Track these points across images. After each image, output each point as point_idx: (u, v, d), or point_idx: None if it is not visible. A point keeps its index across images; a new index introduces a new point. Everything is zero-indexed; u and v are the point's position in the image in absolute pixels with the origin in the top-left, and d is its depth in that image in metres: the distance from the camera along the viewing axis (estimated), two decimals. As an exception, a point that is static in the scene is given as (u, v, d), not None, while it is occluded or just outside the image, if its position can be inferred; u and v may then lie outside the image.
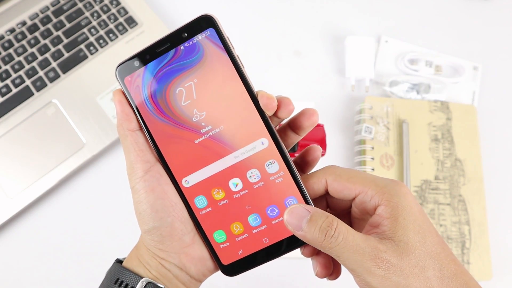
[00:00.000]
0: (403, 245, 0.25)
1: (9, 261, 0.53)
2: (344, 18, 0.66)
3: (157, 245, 0.28)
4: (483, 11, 0.68)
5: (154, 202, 0.27)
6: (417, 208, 0.26)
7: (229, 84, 0.27)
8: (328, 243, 0.25)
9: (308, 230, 0.25)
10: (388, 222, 0.25)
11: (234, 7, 0.66)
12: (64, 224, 0.54)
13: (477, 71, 0.64)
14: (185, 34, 0.27)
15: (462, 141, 0.59)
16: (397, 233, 0.25)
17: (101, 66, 0.59)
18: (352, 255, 0.24)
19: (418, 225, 0.25)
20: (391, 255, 0.24)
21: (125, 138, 0.28)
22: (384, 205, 0.26)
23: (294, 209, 0.26)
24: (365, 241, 0.25)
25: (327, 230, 0.25)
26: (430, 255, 0.25)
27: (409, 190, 0.27)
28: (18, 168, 0.54)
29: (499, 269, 0.54)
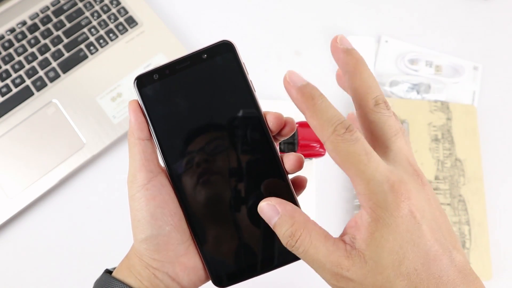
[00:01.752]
0: (371, 264, 0.23)
1: (9, 261, 0.53)
2: (344, 18, 0.66)
3: (152, 255, 0.28)
4: (483, 11, 0.69)
5: (155, 211, 0.28)
6: (405, 227, 0.23)
7: (242, 106, 0.29)
8: (291, 250, 0.25)
9: (276, 230, 0.25)
10: (365, 233, 0.23)
11: (234, 7, 0.66)
12: (64, 224, 0.54)
13: (477, 71, 0.64)
14: (205, 56, 0.29)
15: (462, 141, 0.59)
16: (369, 248, 0.23)
17: (101, 66, 0.59)
18: (313, 265, 0.24)
19: (398, 245, 0.23)
20: (354, 273, 0.23)
21: (134, 147, 0.28)
22: (366, 212, 0.23)
23: (268, 204, 0.26)
24: (328, 257, 0.23)
25: (288, 240, 0.24)
26: (404, 276, 0.23)
27: (409, 198, 0.23)
28: (18, 168, 0.54)
29: (499, 269, 0.54)
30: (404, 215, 0.23)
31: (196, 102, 0.29)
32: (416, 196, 0.23)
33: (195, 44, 0.63)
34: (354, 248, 0.23)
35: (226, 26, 0.65)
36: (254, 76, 0.64)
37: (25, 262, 0.53)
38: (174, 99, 0.29)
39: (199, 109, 0.29)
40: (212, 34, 0.64)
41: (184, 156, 0.29)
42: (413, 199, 0.23)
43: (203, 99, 0.29)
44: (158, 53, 0.59)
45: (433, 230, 0.23)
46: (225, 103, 0.29)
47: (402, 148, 0.25)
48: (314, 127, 0.24)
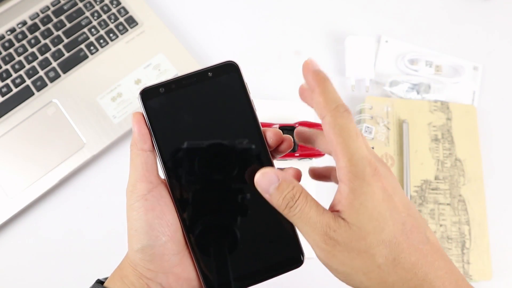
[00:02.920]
0: (355, 229, 0.25)
1: (9, 261, 0.53)
2: (344, 18, 0.66)
3: (147, 265, 0.28)
4: (483, 11, 0.69)
5: (153, 221, 0.28)
6: (381, 196, 0.25)
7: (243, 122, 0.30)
8: (288, 211, 0.26)
9: (274, 196, 0.27)
10: (345, 203, 0.25)
11: (234, 7, 0.66)
12: (64, 224, 0.54)
13: (477, 71, 0.64)
14: (211, 74, 0.30)
15: (462, 141, 0.59)
16: (350, 216, 0.25)
17: (101, 66, 0.59)
18: (305, 226, 0.26)
19: (376, 212, 0.25)
20: (339, 235, 0.25)
21: (136, 157, 0.29)
22: (345, 184, 0.25)
23: (266, 173, 0.27)
24: (318, 216, 0.26)
25: (288, 201, 0.26)
26: (385, 244, 0.25)
27: (382, 176, 0.26)
28: (19, 168, 0.54)
29: (499, 269, 0.54)
30: (379, 187, 0.25)
31: (199, 118, 0.30)
32: (387, 176, 0.26)
33: (195, 44, 0.63)
34: (340, 217, 0.26)
35: (226, 26, 0.65)
36: (254, 76, 0.65)
37: (25, 262, 0.53)
38: (178, 113, 0.30)
39: (201, 125, 0.30)
40: (212, 34, 0.64)
41: (184, 169, 0.29)
42: (384, 177, 0.26)
43: (206, 115, 0.30)
44: (158, 53, 0.59)
45: (405, 206, 0.26)
46: (227, 120, 0.30)
47: (367, 146, 0.27)
48: (318, 103, 0.26)
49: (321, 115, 0.26)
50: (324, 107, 0.26)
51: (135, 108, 0.56)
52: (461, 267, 0.53)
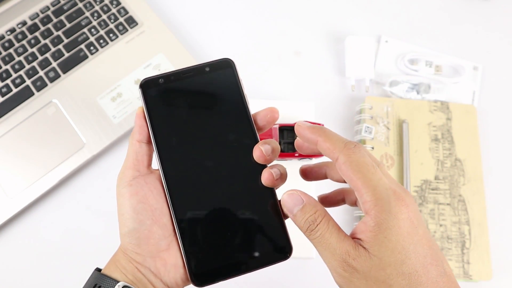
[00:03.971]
0: (376, 260, 0.25)
1: (9, 261, 0.53)
2: (344, 18, 0.66)
3: (134, 249, 0.29)
4: (483, 11, 0.69)
5: (136, 205, 0.29)
6: (407, 230, 0.26)
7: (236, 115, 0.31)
8: (308, 234, 0.27)
9: (297, 217, 0.28)
10: (369, 235, 0.26)
11: (234, 7, 0.66)
12: (64, 224, 0.54)
13: (477, 71, 0.64)
14: (208, 69, 0.32)
15: (462, 141, 0.59)
16: (373, 248, 0.25)
17: (101, 66, 0.59)
18: (324, 251, 0.27)
19: (400, 246, 0.25)
20: (359, 264, 0.25)
21: (130, 147, 0.31)
22: (371, 217, 0.26)
23: (292, 194, 0.28)
24: (339, 243, 0.26)
25: (310, 224, 0.27)
26: (405, 276, 0.25)
27: (408, 207, 0.26)
28: (19, 168, 0.54)
29: (499, 269, 0.54)
30: (405, 219, 0.26)
31: (194, 109, 0.31)
32: (413, 205, 0.27)
33: (195, 44, 0.63)
34: (361, 245, 0.26)
35: (226, 26, 0.65)
36: (254, 76, 0.65)
37: (25, 262, 0.53)
38: (175, 104, 0.31)
39: (196, 116, 0.31)
40: (211, 34, 0.64)
41: (177, 157, 0.31)
42: (410, 206, 0.26)
43: (201, 107, 0.31)
44: (158, 53, 0.59)
45: (427, 238, 0.26)
46: (221, 113, 0.31)
47: (387, 175, 0.28)
48: (327, 149, 0.28)
49: (333, 158, 0.28)
50: (334, 149, 0.27)
51: (135, 108, 0.56)
52: (461, 267, 0.53)
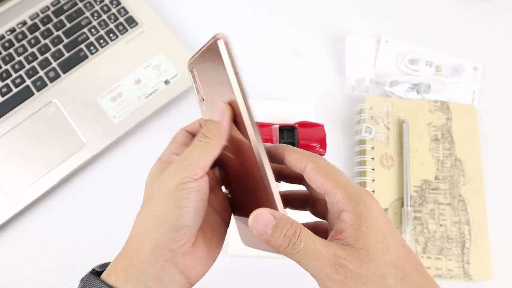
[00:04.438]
0: (363, 253, 0.25)
1: (9, 261, 0.53)
2: (344, 18, 0.66)
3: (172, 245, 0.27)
4: (483, 11, 0.69)
5: (199, 203, 0.28)
6: (383, 220, 0.26)
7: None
8: (291, 249, 0.26)
9: (273, 236, 0.26)
10: (351, 229, 0.26)
11: (234, 7, 0.66)
12: (64, 224, 0.54)
13: (477, 71, 0.64)
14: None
15: (462, 141, 0.59)
16: (358, 241, 0.25)
17: (101, 66, 0.59)
18: (312, 261, 0.25)
19: (381, 234, 0.26)
20: (350, 262, 0.25)
21: (213, 149, 0.29)
22: (349, 212, 0.26)
23: (260, 214, 0.26)
24: (325, 247, 0.25)
25: (290, 238, 0.25)
26: (392, 265, 0.25)
27: (377, 202, 0.27)
28: (19, 168, 0.54)
29: (499, 269, 0.54)
30: (379, 210, 0.27)
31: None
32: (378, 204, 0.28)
33: (195, 44, 0.63)
34: (345, 244, 0.26)
35: (226, 26, 0.65)
36: (254, 76, 0.64)
37: (25, 262, 0.53)
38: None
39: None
40: (212, 34, 0.64)
41: None
42: (378, 204, 0.27)
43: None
44: (158, 53, 0.59)
45: (397, 230, 0.28)
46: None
47: None
48: (294, 159, 0.29)
49: (301, 167, 0.28)
50: (301, 158, 0.28)
51: (135, 108, 0.56)
52: (461, 267, 0.53)
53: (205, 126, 0.29)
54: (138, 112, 0.56)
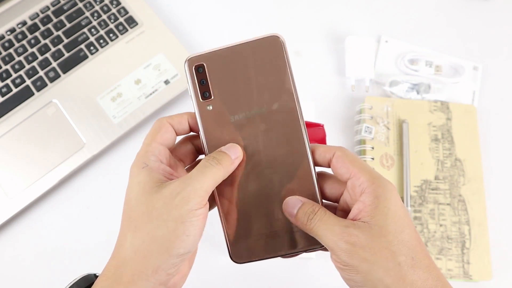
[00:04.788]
0: (376, 228, 0.27)
1: (9, 261, 0.53)
2: (344, 18, 0.66)
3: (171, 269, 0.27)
4: (483, 11, 0.69)
5: (203, 228, 0.28)
6: (400, 204, 0.28)
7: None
8: (309, 223, 0.29)
9: (298, 215, 0.30)
10: (369, 209, 0.28)
11: (234, 7, 0.66)
12: (64, 224, 0.54)
13: (477, 71, 0.64)
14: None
15: (462, 141, 0.59)
16: (374, 218, 0.27)
17: (101, 66, 0.59)
18: (324, 231, 0.28)
19: (398, 215, 0.28)
20: (360, 233, 0.27)
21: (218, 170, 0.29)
22: (369, 193, 0.28)
23: (291, 198, 0.31)
24: (338, 221, 0.28)
25: (308, 215, 0.29)
26: (404, 244, 0.27)
27: (396, 189, 0.29)
28: (19, 168, 0.54)
29: (499, 269, 0.54)
30: (397, 197, 0.29)
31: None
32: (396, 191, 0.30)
33: (195, 44, 0.63)
34: (359, 221, 0.28)
35: (226, 26, 0.65)
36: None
37: (25, 262, 0.53)
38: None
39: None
40: (212, 34, 0.64)
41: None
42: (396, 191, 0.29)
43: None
44: (158, 53, 0.59)
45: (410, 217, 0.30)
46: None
47: None
48: (323, 150, 0.31)
49: (330, 155, 0.31)
50: (329, 149, 0.31)
51: (135, 108, 0.56)
52: (461, 267, 0.53)
53: (219, 152, 0.30)
54: (138, 112, 0.56)
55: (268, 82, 0.31)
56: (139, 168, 0.29)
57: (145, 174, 0.29)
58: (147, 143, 0.30)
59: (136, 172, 0.29)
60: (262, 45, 0.32)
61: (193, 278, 0.38)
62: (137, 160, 0.30)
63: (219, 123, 0.31)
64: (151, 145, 0.30)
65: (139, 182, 0.28)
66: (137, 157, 0.30)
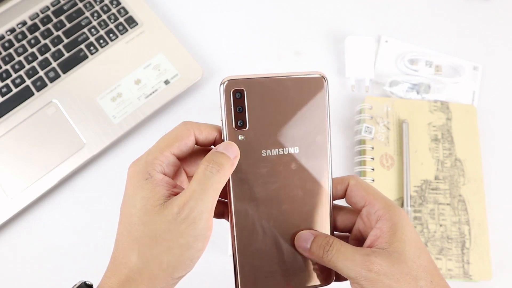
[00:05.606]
0: (396, 255, 0.28)
1: (9, 261, 0.53)
2: (344, 18, 0.66)
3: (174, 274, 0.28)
4: (483, 11, 0.69)
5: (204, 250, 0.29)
6: (413, 230, 0.29)
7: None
8: (326, 256, 0.29)
9: (312, 249, 0.30)
10: (387, 235, 0.29)
11: (233, 7, 0.66)
12: (64, 224, 0.54)
13: (477, 71, 0.64)
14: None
15: (462, 141, 0.59)
16: (392, 245, 0.28)
17: (101, 66, 0.59)
18: (345, 262, 0.28)
19: (414, 242, 0.29)
20: (381, 261, 0.28)
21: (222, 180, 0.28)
22: (386, 220, 0.29)
23: (301, 234, 0.31)
24: (356, 251, 0.29)
25: (324, 247, 0.29)
26: (423, 269, 0.28)
27: (408, 216, 0.31)
28: (19, 168, 0.54)
29: (499, 269, 0.54)
30: (410, 223, 0.30)
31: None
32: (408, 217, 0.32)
33: (195, 44, 0.63)
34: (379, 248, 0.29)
35: (226, 26, 0.65)
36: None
37: (25, 262, 0.53)
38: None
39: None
40: (212, 35, 0.64)
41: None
42: (408, 217, 0.31)
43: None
44: (158, 53, 0.59)
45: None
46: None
47: None
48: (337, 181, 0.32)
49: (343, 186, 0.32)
50: (342, 179, 0.32)
51: (135, 108, 0.56)
52: (461, 267, 0.53)
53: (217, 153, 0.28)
54: (138, 112, 0.56)
55: (305, 122, 0.30)
56: (142, 178, 0.28)
57: (148, 189, 0.27)
58: (161, 148, 0.28)
59: (138, 183, 0.28)
60: (305, 82, 0.30)
61: (193, 278, 0.38)
62: (142, 166, 0.28)
63: (248, 156, 0.29)
64: (163, 154, 0.28)
65: (142, 198, 0.27)
66: (144, 161, 0.28)
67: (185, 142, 0.28)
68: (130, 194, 0.28)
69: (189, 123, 0.29)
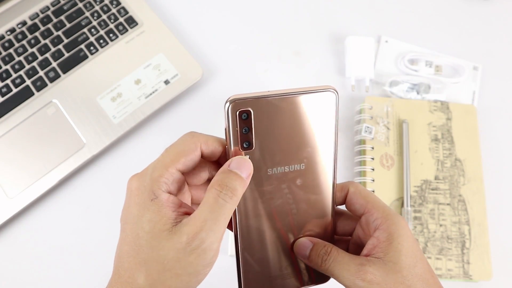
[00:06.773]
0: (391, 265, 0.28)
1: (9, 261, 0.53)
2: (344, 18, 0.66)
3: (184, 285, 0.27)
4: (483, 11, 0.69)
5: None
6: (412, 239, 0.29)
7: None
8: (324, 264, 0.30)
9: (311, 257, 0.31)
10: (383, 245, 0.29)
11: (233, 7, 0.66)
12: (64, 224, 0.54)
13: (477, 71, 0.64)
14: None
15: (462, 141, 0.59)
16: (388, 254, 0.28)
17: (101, 66, 0.59)
18: (341, 271, 0.29)
19: (410, 251, 0.29)
20: (375, 270, 0.28)
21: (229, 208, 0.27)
22: (383, 230, 0.29)
23: (299, 241, 0.32)
24: (352, 260, 0.29)
25: (322, 256, 0.30)
26: (419, 278, 0.28)
27: (407, 224, 0.31)
28: (18, 168, 0.54)
29: (499, 269, 0.54)
30: (409, 232, 0.30)
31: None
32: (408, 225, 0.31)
33: (195, 44, 0.63)
34: (374, 257, 0.29)
35: (225, 26, 0.65)
36: (254, 76, 0.65)
37: (25, 262, 0.53)
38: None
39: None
40: (212, 35, 0.64)
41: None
42: (408, 226, 0.31)
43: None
44: (158, 53, 0.59)
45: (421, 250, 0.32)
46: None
47: None
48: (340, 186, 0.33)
49: (342, 193, 0.32)
50: (341, 187, 0.32)
51: (135, 108, 0.56)
52: (461, 267, 0.53)
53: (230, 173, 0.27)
54: (138, 112, 0.56)
55: (313, 138, 0.29)
56: (148, 198, 0.27)
57: (154, 212, 0.26)
58: (166, 164, 0.27)
59: (144, 203, 0.27)
60: (315, 99, 0.29)
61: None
62: (148, 184, 0.27)
63: (253, 175, 0.28)
64: (169, 170, 0.27)
65: (150, 221, 0.26)
66: (149, 178, 0.27)
67: (191, 158, 0.28)
68: (136, 214, 0.27)
69: (195, 135, 0.28)
